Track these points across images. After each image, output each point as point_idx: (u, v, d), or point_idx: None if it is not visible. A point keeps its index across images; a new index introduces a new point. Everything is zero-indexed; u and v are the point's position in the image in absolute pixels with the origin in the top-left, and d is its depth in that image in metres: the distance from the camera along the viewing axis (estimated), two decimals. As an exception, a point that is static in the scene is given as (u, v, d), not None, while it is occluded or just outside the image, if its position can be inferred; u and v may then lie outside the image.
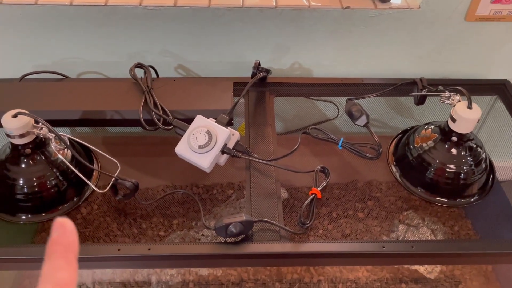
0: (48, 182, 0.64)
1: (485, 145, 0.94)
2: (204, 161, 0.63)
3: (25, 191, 0.63)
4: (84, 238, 0.83)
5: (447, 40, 0.88)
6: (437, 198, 0.69)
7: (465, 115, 0.60)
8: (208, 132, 0.63)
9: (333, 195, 0.92)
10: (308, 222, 0.61)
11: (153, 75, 0.85)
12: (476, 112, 0.60)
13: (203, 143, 0.62)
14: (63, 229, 0.24)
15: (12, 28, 0.84)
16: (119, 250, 0.58)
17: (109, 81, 0.87)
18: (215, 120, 0.67)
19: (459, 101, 0.62)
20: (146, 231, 0.92)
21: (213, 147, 0.63)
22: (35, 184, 0.63)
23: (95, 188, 0.66)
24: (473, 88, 0.89)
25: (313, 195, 0.64)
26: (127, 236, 0.94)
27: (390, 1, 0.83)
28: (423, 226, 0.95)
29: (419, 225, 0.95)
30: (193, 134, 0.63)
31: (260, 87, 0.84)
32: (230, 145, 0.68)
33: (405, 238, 0.95)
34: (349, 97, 0.79)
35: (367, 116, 0.74)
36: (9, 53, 0.88)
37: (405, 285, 0.93)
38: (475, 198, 0.69)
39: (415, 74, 0.94)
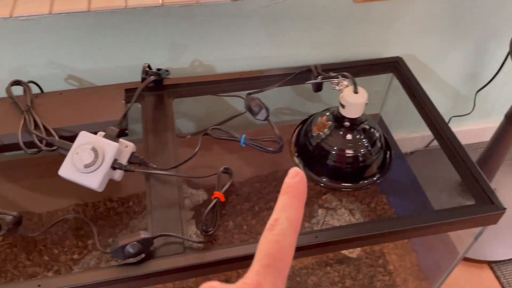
0: None
1: (388, 122, 0.98)
2: (93, 181, 0.58)
3: None
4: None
5: (341, 23, 0.89)
6: (342, 184, 0.70)
7: (352, 100, 0.60)
8: (94, 149, 0.59)
9: (254, 189, 0.91)
10: (211, 229, 0.59)
11: (38, 90, 0.79)
12: (362, 96, 0.61)
13: (89, 162, 0.58)
14: (300, 178, 0.27)
15: None
16: (4, 292, 0.53)
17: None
18: (104, 133, 0.63)
19: (347, 86, 0.63)
20: (58, 256, 0.86)
21: (101, 165, 0.59)
22: None
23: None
24: (370, 68, 0.91)
25: (216, 199, 0.62)
26: (38, 265, 0.87)
27: (278, -10, 0.82)
28: (341, 208, 0.97)
29: (337, 206, 0.97)
30: (77, 153, 0.58)
31: (157, 90, 0.80)
32: (124, 158, 0.64)
33: (326, 222, 0.96)
34: (248, 92, 0.77)
35: (267, 110, 0.73)
36: None
37: (330, 268, 0.95)
38: (377, 176, 0.71)
39: (317, 60, 0.95)
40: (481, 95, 1.12)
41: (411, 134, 1.14)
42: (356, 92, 0.60)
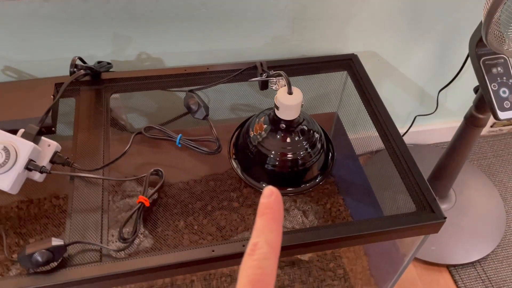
0: None
1: (344, 121, 0.94)
2: (3, 184, 0.54)
3: None
4: None
5: (296, 16, 0.85)
6: (285, 189, 0.66)
7: (286, 102, 0.56)
8: (5, 149, 0.55)
9: (209, 187, 0.87)
10: (131, 237, 0.56)
11: (-35, 82, 0.74)
12: (297, 97, 0.57)
13: (-1, 163, 0.54)
14: (275, 197, 0.26)
15: None
16: None
17: None
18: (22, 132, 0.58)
19: (284, 85, 0.59)
20: (-3, 256, 0.82)
21: (13, 166, 0.54)
22: None
23: None
24: (326, 65, 0.87)
25: (140, 204, 0.58)
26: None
27: (227, -19, 0.77)
28: (294, 209, 0.94)
29: (291, 207, 0.94)
30: (-13, 153, 0.54)
31: (94, 84, 0.76)
32: (46, 158, 0.60)
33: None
34: (190, 88, 0.73)
35: (206, 108, 0.69)
36: None
37: (280, 270, 0.92)
38: (319, 178, 0.68)
39: (271, 55, 0.91)
40: (444, 95, 1.09)
41: (373, 133, 1.12)
42: (290, 93, 0.57)
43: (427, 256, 1.06)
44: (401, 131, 1.17)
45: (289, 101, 0.57)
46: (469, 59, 0.80)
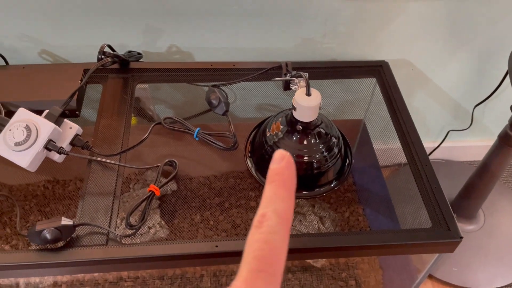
0: None
1: (371, 129, 0.92)
2: (22, 160, 0.56)
3: None
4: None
5: (328, 20, 0.84)
6: (299, 192, 0.65)
7: (304, 103, 0.55)
8: (27, 127, 0.57)
9: (228, 184, 0.87)
10: (138, 223, 0.56)
11: (2, 63, 0.78)
12: (315, 99, 0.56)
13: (19, 140, 0.56)
14: (286, 162, 0.24)
15: None
16: None
17: None
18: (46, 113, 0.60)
19: (304, 87, 0.58)
20: (20, 230, 0.86)
21: (33, 144, 0.56)
22: None
23: None
24: (355, 71, 0.85)
25: (150, 192, 0.59)
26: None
27: (260, -21, 0.77)
28: (311, 214, 0.93)
29: (308, 212, 0.93)
30: (10, 130, 0.57)
31: (123, 73, 0.77)
32: (66, 140, 0.62)
33: (292, 227, 0.92)
34: (213, 84, 0.74)
35: (227, 104, 0.69)
36: None
37: (292, 275, 0.91)
38: (334, 183, 0.66)
39: (302, 57, 0.90)
40: (481, 111, 1.04)
41: (397, 145, 1.08)
42: (308, 94, 0.56)
43: (448, 277, 1.02)
44: (433, 145, 1.14)
45: (307, 102, 0.56)
46: (507, 77, 0.76)
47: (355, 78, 0.85)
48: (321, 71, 0.84)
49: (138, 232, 0.57)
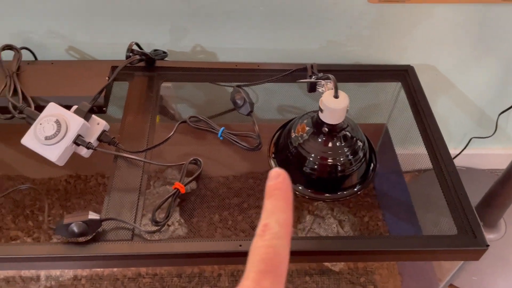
0: None
1: (393, 134, 0.91)
2: (52, 154, 0.57)
3: None
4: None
5: (353, 22, 0.84)
6: (318, 194, 0.65)
7: (331, 105, 0.55)
8: (57, 122, 0.58)
9: (247, 185, 0.87)
10: (162, 220, 0.57)
11: (32, 58, 0.79)
12: (342, 101, 0.56)
13: (50, 134, 0.57)
14: (282, 178, 0.26)
15: None
16: None
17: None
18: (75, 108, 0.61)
19: (331, 89, 0.58)
20: (42, 224, 0.87)
21: (62, 138, 0.57)
22: None
23: None
24: (379, 74, 0.85)
25: (175, 190, 0.59)
26: (21, 230, 0.88)
27: (287, -20, 0.77)
28: (330, 217, 0.92)
29: (327, 215, 0.92)
30: (41, 124, 0.58)
31: (149, 71, 0.78)
32: (94, 135, 0.62)
33: (312, 230, 0.91)
34: (237, 84, 0.74)
35: (251, 105, 0.70)
36: None
37: (309, 278, 0.90)
38: (358, 188, 0.66)
39: (323, 59, 0.90)
40: (505, 119, 1.03)
41: (420, 151, 1.07)
42: (336, 96, 0.56)
43: (468, 285, 1.00)
44: (455, 152, 1.12)
45: (334, 104, 0.55)
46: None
47: (379, 82, 0.85)
48: (345, 74, 0.83)
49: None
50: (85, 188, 0.88)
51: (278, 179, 0.26)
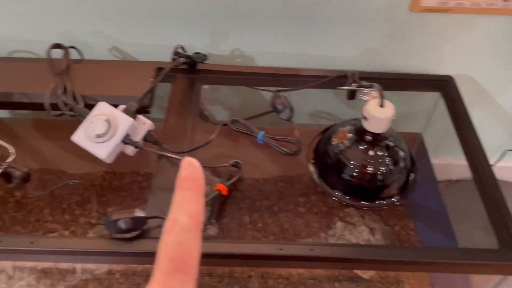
0: None
1: (429, 144, 0.91)
2: (101, 152, 0.59)
3: None
4: (14, 221, 0.82)
5: (394, 31, 0.84)
6: (356, 201, 0.66)
7: (376, 114, 0.56)
8: (108, 121, 0.60)
9: (277, 188, 0.88)
10: (206, 221, 0.58)
11: (78, 56, 0.82)
12: (388, 111, 0.56)
13: (101, 132, 0.59)
14: (192, 167, 0.25)
15: None
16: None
17: (28, 61, 0.83)
18: (123, 108, 0.63)
19: (376, 98, 0.58)
20: (78, 217, 0.90)
21: (112, 137, 0.59)
22: None
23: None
24: (418, 84, 0.85)
25: (217, 191, 0.60)
26: (58, 222, 0.91)
27: (330, -12, 0.78)
28: (361, 225, 0.92)
29: (358, 223, 0.92)
30: (92, 122, 0.60)
31: (190, 73, 0.80)
32: (139, 135, 0.64)
33: (342, 236, 0.92)
34: (277, 89, 0.75)
35: (292, 110, 0.70)
36: None
37: (339, 284, 0.91)
38: (396, 198, 0.66)
39: (362, 66, 0.90)
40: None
41: (457, 161, 1.06)
42: (382, 105, 0.56)
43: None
44: (488, 163, 1.11)
45: (379, 113, 0.56)
46: None
47: (417, 91, 0.85)
48: (380, 82, 0.83)
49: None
50: (120, 184, 0.90)
51: (188, 169, 0.25)
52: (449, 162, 1.05)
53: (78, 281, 0.90)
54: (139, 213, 0.56)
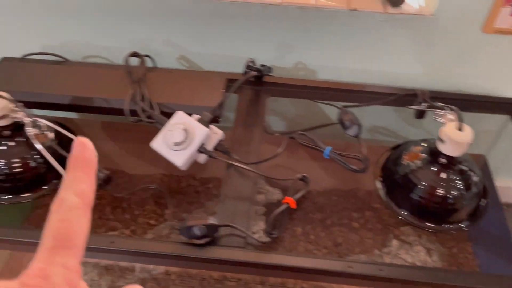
0: (26, 164, 0.65)
1: (493, 166, 0.89)
2: (179, 159, 0.62)
3: (4, 172, 0.65)
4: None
5: (463, 51, 0.83)
6: (423, 222, 0.65)
7: (454, 137, 0.55)
8: (186, 130, 0.62)
9: (331, 202, 0.89)
10: (275, 232, 0.60)
11: (151, 64, 0.85)
12: (467, 135, 0.56)
13: (179, 141, 0.61)
14: (84, 147, 0.24)
15: (24, 8, 0.85)
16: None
17: (105, 67, 0.87)
18: (199, 117, 0.66)
19: (452, 120, 0.58)
20: (137, 217, 0.93)
21: (189, 146, 0.62)
22: (13, 166, 0.64)
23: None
24: (484, 105, 0.83)
25: (286, 204, 0.62)
26: (119, 221, 0.95)
27: (401, 6, 0.78)
28: (418, 245, 0.91)
29: (415, 242, 0.91)
30: (170, 131, 0.62)
31: (256, 85, 0.82)
32: (211, 144, 0.66)
33: (398, 255, 0.91)
34: (344, 104, 0.76)
35: (359, 127, 0.71)
36: (18, 32, 0.90)
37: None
38: (465, 224, 0.65)
39: (426, 85, 0.89)
40: None
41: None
42: (460, 129, 0.56)
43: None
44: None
45: (458, 137, 0.55)
46: None
47: (483, 112, 0.83)
48: (449, 101, 0.82)
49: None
50: (178, 188, 0.93)
51: (79, 149, 0.24)
52: (510, 185, 1.02)
53: (136, 279, 0.94)
54: (212, 220, 0.58)
